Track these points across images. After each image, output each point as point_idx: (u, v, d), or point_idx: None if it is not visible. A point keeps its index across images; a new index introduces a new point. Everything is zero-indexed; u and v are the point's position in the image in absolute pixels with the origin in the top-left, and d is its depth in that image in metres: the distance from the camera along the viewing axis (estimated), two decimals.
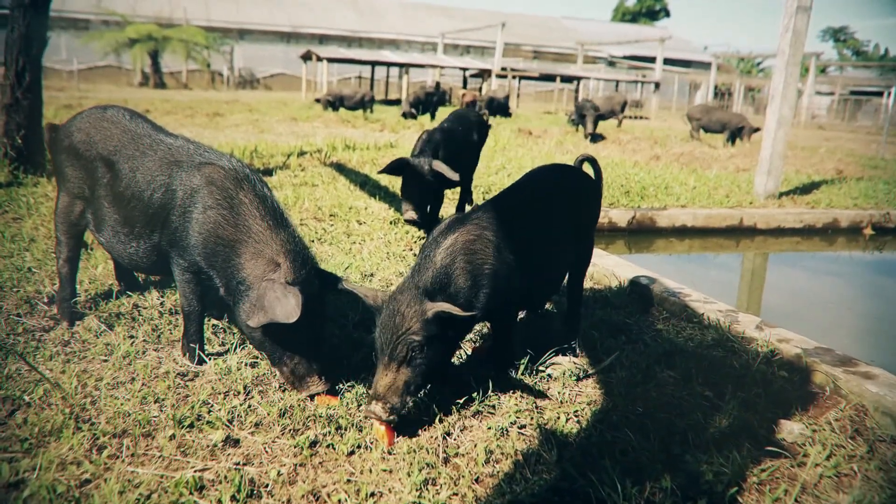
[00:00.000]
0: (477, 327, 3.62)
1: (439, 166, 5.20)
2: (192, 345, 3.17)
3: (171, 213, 3.02)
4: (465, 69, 33.40)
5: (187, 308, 3.14)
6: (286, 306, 2.64)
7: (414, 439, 2.63)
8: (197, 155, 3.11)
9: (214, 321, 3.62)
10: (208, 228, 2.90)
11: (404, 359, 2.58)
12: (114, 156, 3.20)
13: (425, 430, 2.70)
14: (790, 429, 2.77)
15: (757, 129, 15.53)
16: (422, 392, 2.87)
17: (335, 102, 21.09)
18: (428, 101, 20.99)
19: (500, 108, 22.71)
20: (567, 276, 3.69)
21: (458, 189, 6.85)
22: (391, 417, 2.53)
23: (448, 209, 6.88)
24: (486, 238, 2.86)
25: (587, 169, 3.88)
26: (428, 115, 20.55)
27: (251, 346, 3.30)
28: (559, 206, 3.34)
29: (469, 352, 3.43)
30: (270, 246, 2.84)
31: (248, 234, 2.87)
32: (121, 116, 3.32)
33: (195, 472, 2.31)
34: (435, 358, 2.68)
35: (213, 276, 2.99)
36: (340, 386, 2.98)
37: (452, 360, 3.25)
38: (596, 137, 15.29)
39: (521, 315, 3.94)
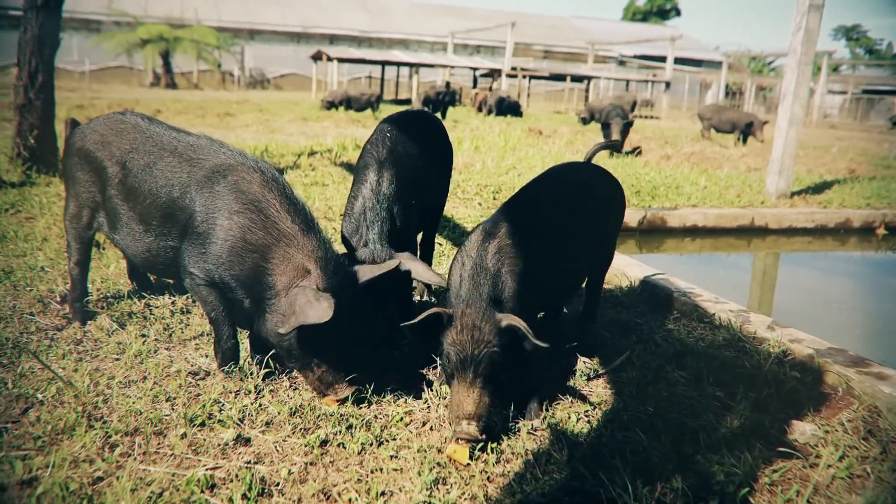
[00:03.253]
0: None
1: (415, 269, 3.17)
2: (228, 350, 3.03)
3: (192, 218, 2.89)
4: (475, 69, 33.38)
5: (213, 314, 2.98)
6: (318, 309, 2.56)
7: (424, 439, 2.63)
8: (220, 155, 2.99)
9: None
10: (235, 234, 2.78)
11: (487, 374, 2.53)
12: (129, 153, 3.12)
13: (435, 429, 2.71)
14: (802, 429, 2.76)
15: (765, 122, 15.58)
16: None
17: (342, 104, 20.85)
18: (439, 101, 20.95)
19: (511, 107, 22.68)
20: (587, 277, 3.62)
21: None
22: (484, 435, 2.49)
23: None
24: (522, 241, 2.79)
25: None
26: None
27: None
28: (588, 207, 3.29)
29: None
30: (301, 251, 2.74)
31: (277, 237, 2.77)
32: (137, 119, 3.26)
33: (206, 470, 2.32)
34: (506, 361, 2.61)
35: (235, 288, 2.86)
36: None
37: None
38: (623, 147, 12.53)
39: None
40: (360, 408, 2.79)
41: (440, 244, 5.36)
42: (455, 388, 2.56)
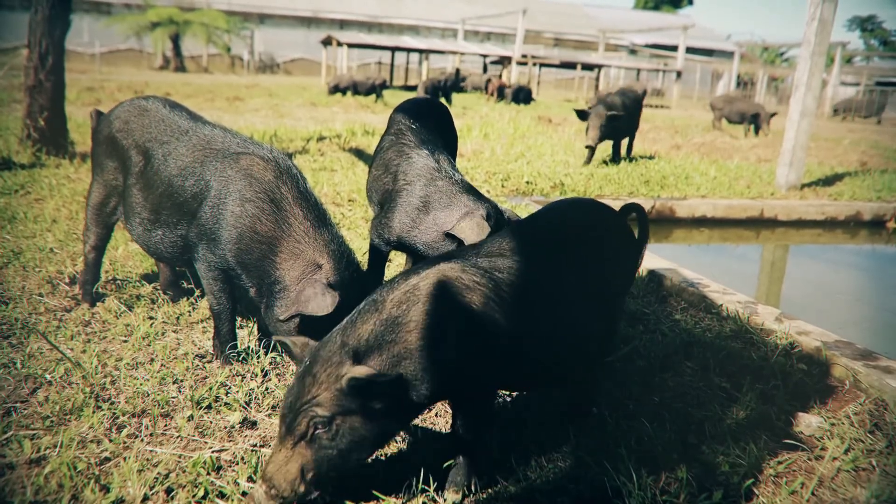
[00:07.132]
0: None
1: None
2: (226, 346, 3.02)
3: (203, 204, 2.87)
4: (485, 56, 33.22)
5: (217, 307, 2.99)
6: (321, 302, 2.56)
7: (429, 423, 2.63)
8: (234, 144, 2.99)
9: None
10: (245, 222, 2.77)
11: (303, 435, 1.97)
12: (149, 143, 3.12)
13: (441, 416, 2.71)
14: (808, 422, 2.75)
15: (774, 115, 15.49)
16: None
17: (348, 89, 20.82)
18: (445, 87, 21.07)
19: (525, 96, 23.07)
20: None
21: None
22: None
23: None
24: (465, 283, 2.11)
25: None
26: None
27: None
28: (582, 260, 2.45)
29: None
30: (312, 246, 2.72)
31: (288, 231, 2.75)
32: (160, 105, 3.24)
33: (213, 452, 2.34)
34: (353, 440, 2.01)
35: (241, 276, 2.85)
36: None
37: None
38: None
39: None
40: None
41: None
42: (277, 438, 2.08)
